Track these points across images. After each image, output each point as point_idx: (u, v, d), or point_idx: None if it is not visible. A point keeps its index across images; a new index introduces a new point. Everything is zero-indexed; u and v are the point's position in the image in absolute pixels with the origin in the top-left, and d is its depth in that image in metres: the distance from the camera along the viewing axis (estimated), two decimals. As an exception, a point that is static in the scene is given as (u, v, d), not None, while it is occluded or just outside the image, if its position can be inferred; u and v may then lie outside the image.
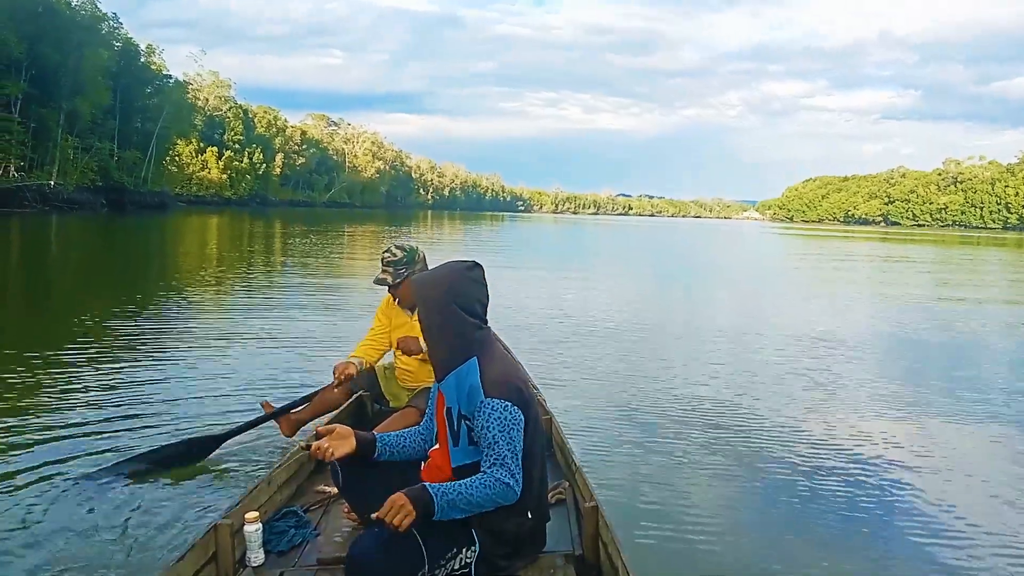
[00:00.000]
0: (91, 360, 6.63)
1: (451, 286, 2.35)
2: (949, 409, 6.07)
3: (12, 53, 42.52)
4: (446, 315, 2.33)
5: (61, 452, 4.25)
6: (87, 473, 3.90)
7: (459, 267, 2.42)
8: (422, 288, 2.39)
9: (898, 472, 4.45)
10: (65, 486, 3.75)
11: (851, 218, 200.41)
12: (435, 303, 2.34)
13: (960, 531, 3.68)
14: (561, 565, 2.45)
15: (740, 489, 4.06)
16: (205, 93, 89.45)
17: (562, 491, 3.05)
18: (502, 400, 2.23)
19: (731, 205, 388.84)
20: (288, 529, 2.74)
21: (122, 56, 58.39)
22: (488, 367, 2.30)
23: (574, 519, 2.82)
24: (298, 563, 2.60)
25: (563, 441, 3.44)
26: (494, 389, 2.25)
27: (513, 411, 2.23)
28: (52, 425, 4.74)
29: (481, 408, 2.23)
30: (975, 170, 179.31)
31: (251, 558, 2.51)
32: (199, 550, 2.38)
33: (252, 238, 30.51)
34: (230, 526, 2.46)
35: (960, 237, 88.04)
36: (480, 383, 2.26)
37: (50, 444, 4.40)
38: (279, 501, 2.99)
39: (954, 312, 13.21)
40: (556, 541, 2.61)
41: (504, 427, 2.21)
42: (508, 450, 2.20)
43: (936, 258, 35.26)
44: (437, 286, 2.36)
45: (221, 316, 9.70)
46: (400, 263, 3.89)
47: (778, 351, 8.13)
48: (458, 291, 2.35)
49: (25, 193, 42.81)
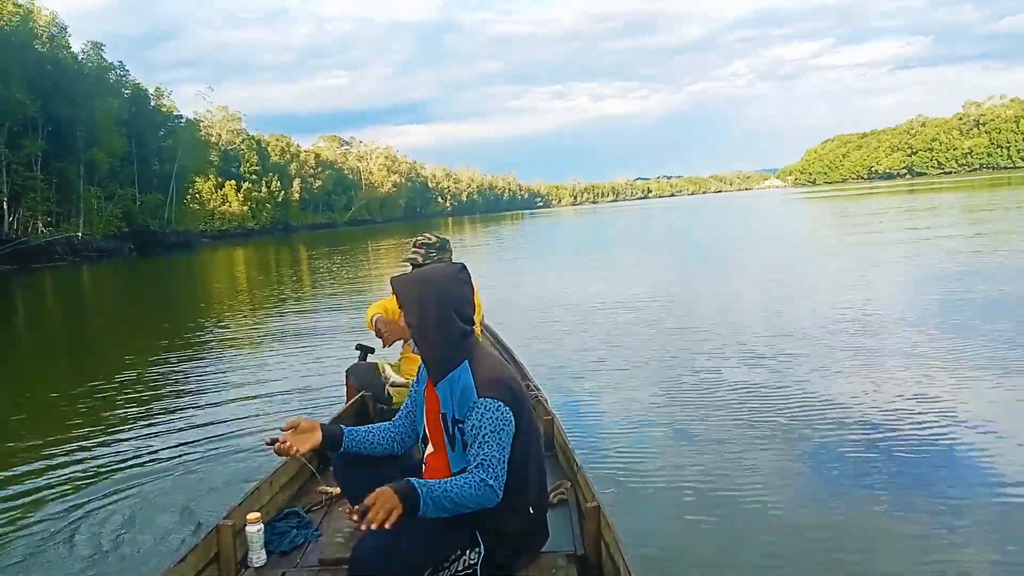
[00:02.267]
0: (126, 403, 6.87)
1: (448, 290, 2.33)
2: (996, 367, 5.86)
3: (28, 112, 43.54)
4: (443, 318, 2.30)
5: (79, 469, 4.48)
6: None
7: (451, 270, 2.41)
8: (419, 288, 2.34)
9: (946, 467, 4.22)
10: (70, 492, 3.97)
11: (875, 174, 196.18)
12: (432, 305, 2.31)
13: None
14: (563, 565, 2.45)
15: (743, 490, 3.96)
16: (217, 128, 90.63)
17: (564, 491, 3.03)
18: (495, 400, 2.21)
19: (751, 175, 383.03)
20: (290, 530, 2.78)
21: (132, 102, 59.33)
22: (480, 368, 2.29)
23: (576, 519, 2.80)
24: (300, 564, 2.61)
25: (565, 441, 3.42)
26: (487, 389, 2.23)
27: (505, 411, 2.22)
28: (82, 451, 5.00)
29: (474, 408, 2.21)
30: (997, 110, 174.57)
31: (253, 559, 2.54)
32: (201, 551, 2.40)
33: (279, 265, 30.92)
34: (232, 527, 2.47)
35: (989, 180, 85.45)
36: (473, 384, 2.26)
37: (63, 468, 4.62)
38: (281, 502, 3.01)
39: (990, 261, 12.87)
40: (558, 541, 2.59)
41: (495, 428, 2.19)
42: (496, 451, 2.18)
43: (966, 204, 34.41)
44: (434, 287, 2.33)
45: (248, 348, 9.96)
46: (433, 246, 3.95)
47: (794, 345, 7.34)
48: (453, 295, 2.33)
49: (55, 247, 43.88)
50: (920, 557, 3.15)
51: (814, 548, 3.30)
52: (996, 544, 3.21)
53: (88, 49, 54.76)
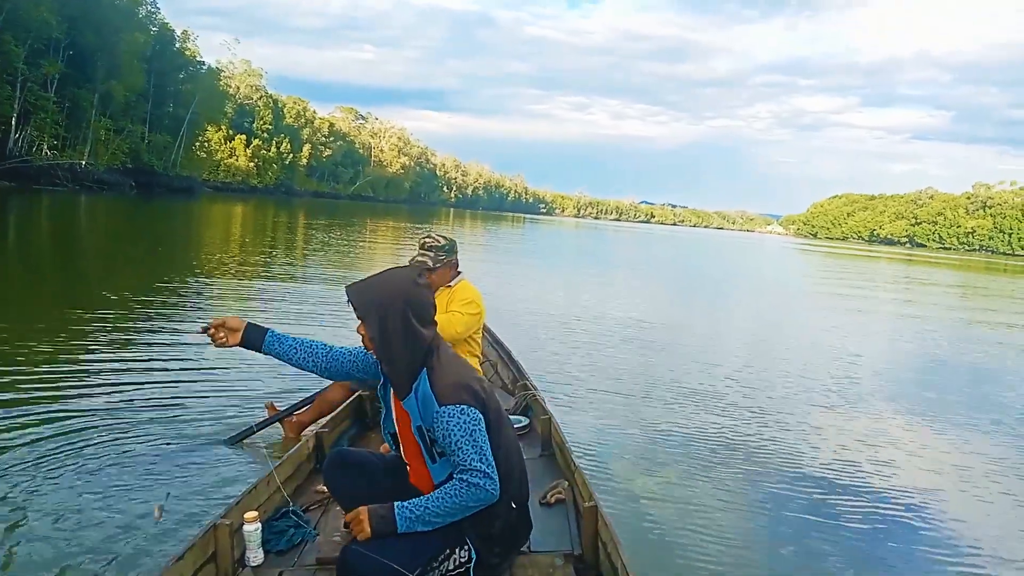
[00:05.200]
0: (103, 346, 6.67)
1: (405, 295, 2.27)
2: (969, 428, 6.08)
3: (52, 33, 43.12)
4: (406, 330, 2.25)
5: (59, 441, 4.26)
6: (85, 468, 3.93)
7: (408, 275, 2.34)
8: (377, 295, 2.27)
9: (907, 489, 4.46)
10: (62, 481, 3.76)
11: (876, 237, 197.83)
12: (396, 315, 2.24)
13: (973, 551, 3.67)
14: (560, 565, 2.47)
15: (740, 490, 4.07)
16: (236, 81, 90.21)
17: (561, 491, 3.05)
18: (457, 405, 2.20)
19: (755, 218, 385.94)
20: (287, 529, 2.77)
21: (157, 41, 59.01)
22: (437, 375, 2.26)
23: (573, 519, 2.82)
24: (297, 563, 2.61)
25: (562, 441, 3.44)
26: (446, 396, 2.21)
27: (471, 412, 2.21)
28: (57, 413, 4.75)
29: (438, 417, 2.20)
30: (1005, 195, 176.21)
31: (250, 557, 2.54)
32: (198, 549, 2.39)
33: (276, 228, 30.72)
34: (229, 526, 2.47)
35: (986, 263, 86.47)
36: (432, 392, 2.23)
37: (52, 432, 4.41)
38: (278, 501, 3.00)
39: (978, 337, 13.07)
40: (555, 541, 2.62)
41: (465, 431, 2.18)
42: (474, 452, 2.18)
43: (962, 282, 34.76)
44: (393, 296, 2.26)
45: (239, 309, 9.83)
46: (441, 249, 4.04)
47: (789, 362, 8.15)
48: (412, 300, 2.28)
49: (57, 171, 43.56)
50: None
51: (814, 548, 3.40)
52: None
53: (122, -21, 54.36)
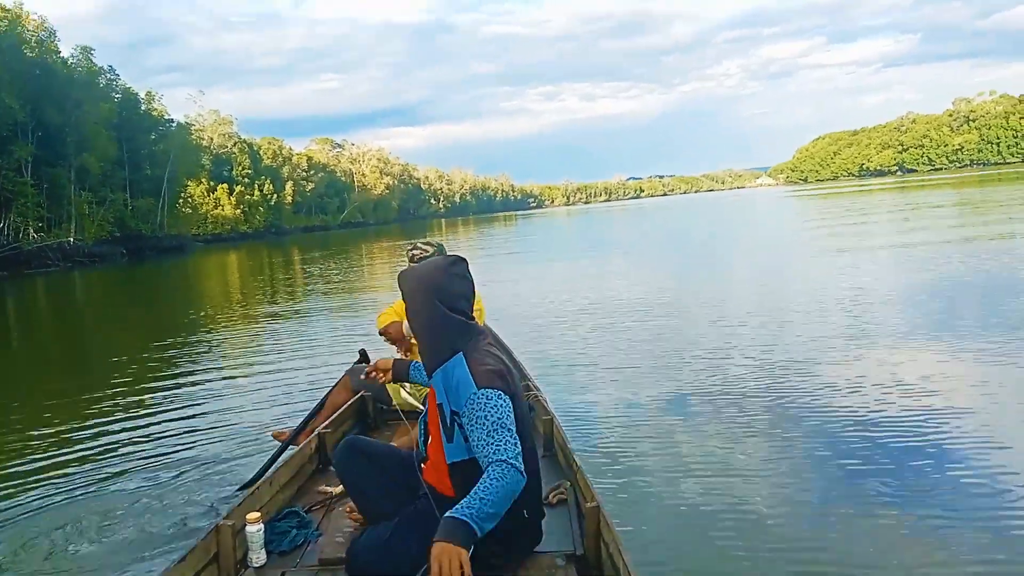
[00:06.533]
0: (116, 404, 6.88)
1: (434, 283, 2.40)
2: (989, 350, 6.00)
3: (17, 117, 43.29)
4: (430, 311, 2.38)
5: (73, 476, 4.47)
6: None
7: (443, 263, 2.47)
8: (411, 282, 2.45)
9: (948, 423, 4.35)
10: (69, 492, 3.96)
11: (866, 171, 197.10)
12: (420, 300, 2.40)
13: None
14: (562, 565, 2.45)
15: (744, 489, 3.93)
16: (208, 132, 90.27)
17: (563, 491, 3.04)
18: (495, 391, 2.25)
19: (743, 174, 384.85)
20: (290, 529, 2.78)
21: (123, 107, 59.01)
22: (475, 360, 2.32)
23: (575, 519, 2.80)
24: (300, 563, 2.61)
25: (564, 441, 3.41)
26: (484, 380, 2.27)
27: (506, 400, 2.26)
28: (71, 455, 4.98)
29: (473, 399, 2.24)
30: (987, 106, 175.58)
31: (253, 558, 2.54)
32: (201, 550, 2.40)
33: (272, 268, 30.84)
34: (232, 527, 2.48)
35: (979, 176, 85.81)
36: (470, 376, 2.28)
37: (64, 468, 4.61)
38: (281, 501, 3.01)
39: (978, 252, 13.01)
40: (557, 541, 2.60)
41: (500, 416, 2.22)
42: (508, 436, 2.20)
43: (955, 200, 34.61)
44: (421, 283, 2.42)
45: (242, 348, 9.93)
46: (429, 257, 3.93)
47: (792, 341, 7.39)
48: (441, 287, 2.40)
49: (47, 253, 43.67)
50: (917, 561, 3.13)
51: (814, 548, 3.28)
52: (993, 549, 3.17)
53: (77, 54, 54.37)
